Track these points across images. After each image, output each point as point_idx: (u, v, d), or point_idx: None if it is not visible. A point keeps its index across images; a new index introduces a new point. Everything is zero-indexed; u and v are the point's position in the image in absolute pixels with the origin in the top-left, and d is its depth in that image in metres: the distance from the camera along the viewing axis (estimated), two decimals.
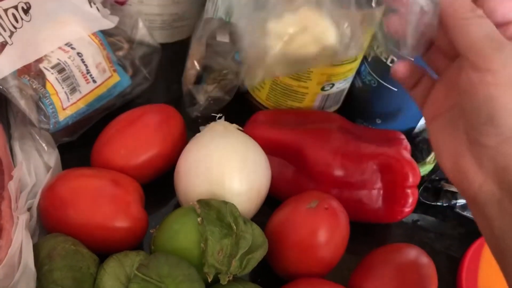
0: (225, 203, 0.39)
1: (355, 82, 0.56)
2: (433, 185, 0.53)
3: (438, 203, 0.52)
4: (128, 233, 0.40)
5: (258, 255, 0.38)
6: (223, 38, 0.54)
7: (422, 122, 0.56)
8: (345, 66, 0.50)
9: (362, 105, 0.55)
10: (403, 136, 0.50)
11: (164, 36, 0.63)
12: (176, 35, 0.64)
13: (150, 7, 0.59)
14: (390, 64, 0.49)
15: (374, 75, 0.52)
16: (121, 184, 0.41)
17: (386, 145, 0.48)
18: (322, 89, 0.52)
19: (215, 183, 0.41)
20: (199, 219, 0.38)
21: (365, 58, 0.53)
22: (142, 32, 0.57)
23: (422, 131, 0.58)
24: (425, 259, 0.42)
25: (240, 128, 0.47)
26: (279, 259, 0.41)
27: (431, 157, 0.50)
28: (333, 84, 0.52)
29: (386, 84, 0.51)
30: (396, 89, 0.51)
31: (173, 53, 0.62)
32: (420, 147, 0.54)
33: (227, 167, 0.42)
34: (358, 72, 0.55)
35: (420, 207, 0.53)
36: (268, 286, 0.41)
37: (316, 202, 0.41)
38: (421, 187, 0.52)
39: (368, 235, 0.50)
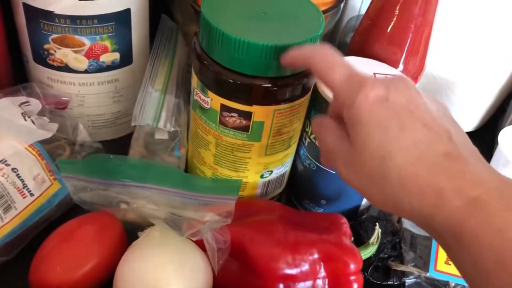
0: None
1: (297, 165, 0.57)
2: (382, 264, 0.53)
3: (389, 282, 0.52)
4: None
5: None
6: (162, 135, 0.54)
7: (366, 200, 0.56)
8: (278, 154, 0.51)
9: (306, 187, 0.56)
10: (343, 220, 0.50)
11: (109, 134, 0.64)
12: (122, 131, 0.65)
13: (91, 109, 0.60)
14: None
15: (312, 159, 0.53)
16: None
17: (326, 231, 0.48)
18: (261, 176, 0.52)
19: None
20: None
21: (302, 142, 0.54)
22: (83, 135, 0.58)
23: (368, 207, 0.58)
24: None
25: None
26: None
27: (374, 238, 0.51)
28: (271, 171, 0.52)
29: (324, 168, 0.52)
30: (334, 172, 0.52)
31: (120, 148, 0.62)
32: (365, 225, 0.54)
33: (162, 277, 0.41)
34: (299, 156, 0.56)
35: (372, 287, 0.53)
36: None
37: None
38: (371, 267, 0.52)
39: None
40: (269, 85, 0.44)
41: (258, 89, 0.44)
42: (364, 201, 0.56)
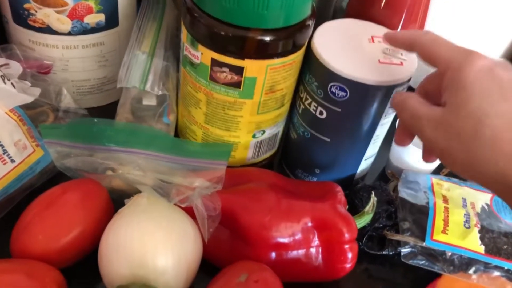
0: (147, 287, 0.37)
1: (291, 134, 0.55)
2: (377, 233, 0.51)
3: (384, 252, 0.51)
4: None
5: None
6: (150, 101, 0.52)
7: (362, 168, 0.54)
8: (271, 113, 0.49)
9: (299, 156, 0.54)
10: (338, 188, 0.48)
11: (95, 101, 0.61)
12: (108, 98, 0.62)
13: (75, 74, 0.57)
14: (320, 116, 0.48)
15: (306, 126, 0.51)
16: (36, 277, 0.38)
17: (320, 200, 0.47)
18: (253, 136, 0.50)
19: (137, 264, 0.39)
20: None
21: (296, 109, 0.52)
22: (67, 100, 0.55)
23: (363, 176, 0.57)
24: None
25: None
26: None
27: (369, 206, 0.49)
28: (264, 131, 0.51)
29: (318, 135, 0.50)
30: (328, 140, 0.50)
31: (107, 116, 0.59)
32: (360, 195, 0.53)
33: (149, 244, 0.39)
34: (292, 124, 0.54)
35: (367, 256, 0.51)
36: None
37: (245, 275, 0.39)
38: (365, 237, 0.51)
39: None
40: (262, 37, 0.42)
41: (251, 41, 0.41)
42: (360, 170, 0.54)
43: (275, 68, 0.44)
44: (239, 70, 0.43)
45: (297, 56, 0.46)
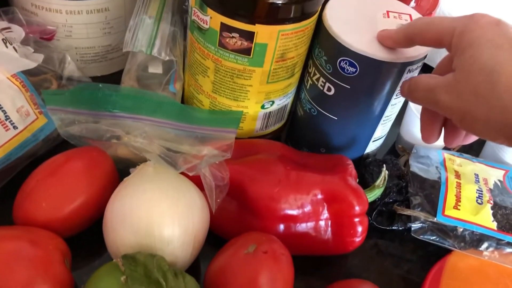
0: (153, 256, 0.36)
1: (297, 110, 0.53)
2: (387, 209, 0.50)
3: (394, 227, 0.50)
4: None
5: None
6: (156, 69, 0.51)
7: (369, 150, 0.53)
8: (281, 83, 0.48)
9: (305, 134, 0.52)
10: (349, 161, 0.47)
11: (99, 69, 0.60)
12: (112, 67, 0.61)
13: (79, 41, 0.56)
14: (327, 92, 0.47)
15: (313, 103, 0.49)
16: (40, 244, 0.37)
17: (330, 172, 0.45)
18: (262, 107, 0.49)
19: (143, 233, 0.38)
20: (122, 278, 0.34)
21: (304, 85, 0.51)
22: (70, 67, 0.54)
23: (375, 154, 0.55)
24: None
25: None
26: None
27: (380, 180, 0.48)
28: (273, 102, 0.49)
29: (325, 113, 0.49)
30: (336, 118, 0.48)
31: None
32: (370, 169, 0.51)
33: (155, 213, 0.38)
34: (299, 100, 0.52)
35: (376, 232, 0.51)
36: None
37: (254, 246, 0.38)
38: (375, 212, 0.50)
39: (324, 267, 0.48)
40: (273, 0, 0.40)
41: (262, 4, 0.40)
42: (367, 152, 0.53)
43: (286, 34, 0.43)
44: (249, 36, 0.42)
45: (310, 23, 0.44)
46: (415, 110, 0.55)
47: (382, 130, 0.51)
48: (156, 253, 0.37)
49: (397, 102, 0.48)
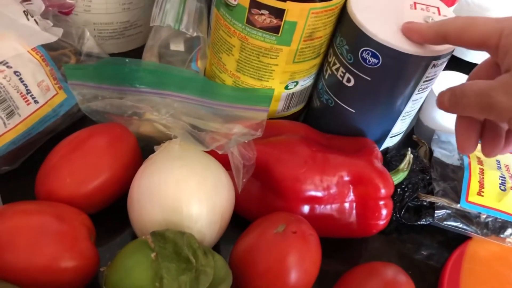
0: (183, 233, 0.35)
1: (314, 101, 0.52)
2: (414, 204, 0.49)
3: (422, 222, 0.49)
4: (76, 273, 0.36)
5: None
6: (178, 47, 0.50)
7: (386, 146, 0.52)
8: (307, 63, 0.47)
9: (320, 125, 0.51)
10: (374, 144, 0.47)
11: (117, 46, 0.59)
12: (130, 44, 0.59)
13: (98, 16, 0.55)
14: (347, 83, 0.46)
15: (331, 94, 0.48)
16: (66, 219, 0.37)
17: (356, 154, 0.45)
18: (286, 87, 0.48)
19: (171, 210, 0.37)
20: (152, 255, 0.34)
21: (322, 74, 0.50)
22: (89, 43, 0.53)
23: (393, 149, 0.54)
24: (403, 278, 0.39)
25: None
26: None
27: (405, 164, 0.47)
28: (297, 82, 0.48)
29: (343, 105, 0.48)
30: (353, 111, 0.47)
31: None
32: (393, 165, 0.50)
33: (183, 191, 0.38)
34: (316, 90, 0.51)
35: (403, 228, 0.50)
36: None
37: (283, 226, 0.38)
38: (403, 208, 0.49)
39: (345, 250, 0.47)
40: None
41: None
42: (383, 148, 0.52)
43: (316, 13, 0.42)
44: (279, 13, 0.41)
45: (339, 2, 0.43)
46: (436, 92, 0.54)
47: (401, 126, 0.50)
48: (185, 231, 0.36)
49: (418, 98, 0.47)
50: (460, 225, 0.47)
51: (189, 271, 0.34)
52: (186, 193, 0.38)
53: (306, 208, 0.43)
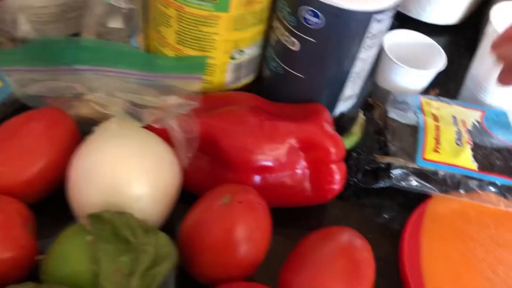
0: (121, 214, 0.34)
1: (264, 70, 0.51)
2: (371, 167, 0.48)
3: (380, 185, 0.48)
4: (12, 264, 0.34)
5: (164, 268, 0.33)
6: (115, 23, 0.48)
7: (339, 110, 0.51)
8: (249, 30, 0.45)
9: (274, 95, 0.49)
10: (324, 108, 0.45)
11: (58, 30, 0.56)
12: (72, 27, 0.57)
13: (32, 0, 0.52)
14: (292, 48, 0.44)
15: (279, 61, 0.47)
16: None
17: (305, 120, 0.44)
18: (232, 57, 0.47)
19: (110, 191, 0.36)
20: (89, 238, 0.32)
21: (269, 42, 0.48)
22: (25, 28, 0.50)
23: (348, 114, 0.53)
24: (359, 242, 0.38)
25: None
26: (196, 265, 0.37)
27: (357, 126, 0.46)
28: (242, 51, 0.47)
29: (291, 71, 0.46)
30: (302, 76, 0.46)
31: None
32: (348, 129, 0.49)
33: (121, 170, 0.36)
34: (265, 58, 0.50)
35: (361, 192, 0.49)
36: None
37: (228, 197, 0.36)
38: (360, 172, 0.48)
39: (304, 219, 0.46)
40: None
41: None
42: (337, 112, 0.51)
43: None
44: None
45: None
46: (390, 54, 0.53)
47: (352, 88, 0.49)
48: (124, 211, 0.35)
49: (366, 56, 0.46)
50: (418, 185, 0.46)
51: (129, 252, 0.33)
52: (124, 172, 0.36)
53: (257, 179, 0.42)
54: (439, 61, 0.53)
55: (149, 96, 0.36)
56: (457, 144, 0.47)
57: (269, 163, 0.42)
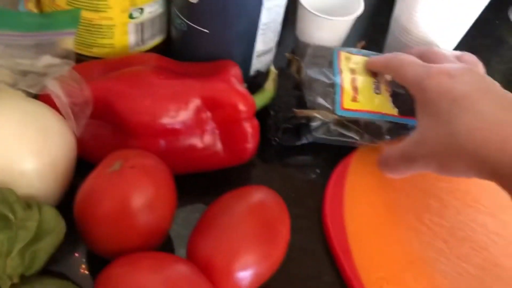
0: None
1: (172, 30, 0.47)
2: (293, 124, 0.45)
3: (303, 141, 0.46)
4: None
5: (48, 244, 0.30)
6: None
7: (256, 67, 0.48)
8: None
9: (183, 55, 0.46)
10: (232, 64, 0.42)
11: None
12: None
13: None
14: (192, 0, 0.41)
15: (182, 17, 0.43)
16: None
17: (210, 77, 0.41)
18: (131, 16, 0.43)
19: None
20: None
21: None
22: None
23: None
24: (271, 200, 0.36)
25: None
26: (93, 239, 0.34)
27: (269, 82, 0.43)
28: (142, 9, 0.43)
29: (195, 26, 0.43)
30: (207, 31, 0.43)
31: None
32: (260, 86, 0.46)
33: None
34: (171, 17, 0.46)
35: (284, 150, 0.47)
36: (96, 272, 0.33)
37: (119, 162, 0.33)
38: (280, 130, 0.45)
39: (223, 184, 0.44)
40: None
41: None
42: (253, 70, 0.48)
43: None
44: None
45: None
46: (307, 5, 0.50)
47: (264, 42, 0.46)
48: (0, 187, 0.32)
49: (272, 5, 0.43)
50: (341, 136, 0.44)
51: (6, 229, 0.29)
52: (3, 144, 0.33)
53: (162, 143, 0.39)
54: (358, 8, 0.51)
55: (23, 59, 0.33)
56: (376, 93, 0.45)
57: (174, 126, 0.39)
